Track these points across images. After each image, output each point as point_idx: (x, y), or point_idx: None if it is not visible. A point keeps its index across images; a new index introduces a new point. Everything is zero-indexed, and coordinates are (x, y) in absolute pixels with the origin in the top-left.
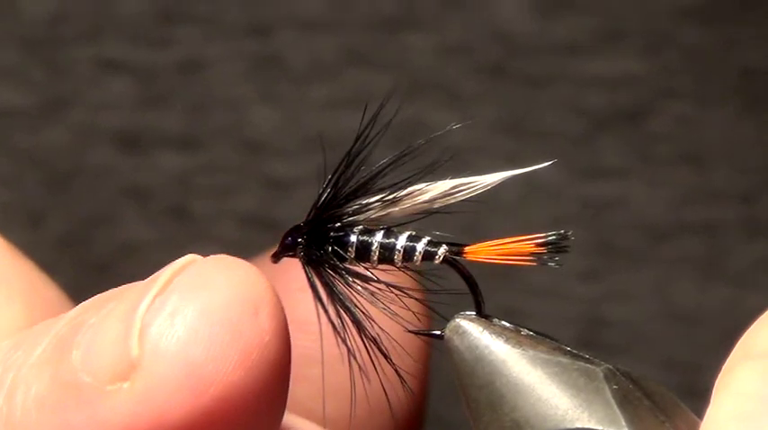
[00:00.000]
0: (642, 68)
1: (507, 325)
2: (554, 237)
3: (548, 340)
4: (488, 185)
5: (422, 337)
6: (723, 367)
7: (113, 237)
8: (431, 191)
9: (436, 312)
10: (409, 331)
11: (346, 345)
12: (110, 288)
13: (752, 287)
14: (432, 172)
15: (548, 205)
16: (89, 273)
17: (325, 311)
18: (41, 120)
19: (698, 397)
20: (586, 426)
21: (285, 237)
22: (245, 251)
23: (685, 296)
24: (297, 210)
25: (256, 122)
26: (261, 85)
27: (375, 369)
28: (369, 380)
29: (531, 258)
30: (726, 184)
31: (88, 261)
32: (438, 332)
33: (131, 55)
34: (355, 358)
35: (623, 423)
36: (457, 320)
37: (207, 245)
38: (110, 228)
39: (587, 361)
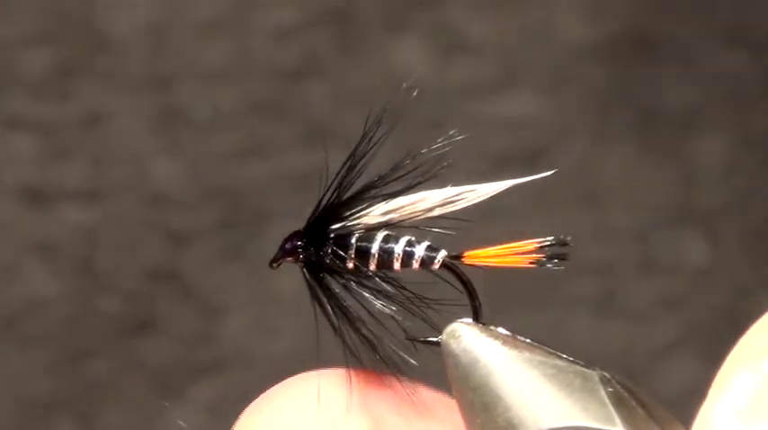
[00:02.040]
0: (541, 109)
1: (504, 331)
2: (553, 241)
3: (544, 347)
4: (489, 194)
5: (419, 344)
6: (722, 367)
7: (18, 292)
8: (431, 197)
9: (430, 324)
10: (406, 338)
11: (346, 348)
12: (11, 342)
13: (648, 324)
14: (427, 179)
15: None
16: None
17: (326, 315)
18: None
19: None
20: (581, 424)
21: (284, 242)
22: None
23: (582, 335)
24: (200, 262)
25: (159, 174)
26: (163, 137)
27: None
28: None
29: (530, 262)
30: (622, 223)
31: None
32: (435, 339)
33: (33, 110)
34: (356, 358)
35: (618, 421)
36: (454, 325)
37: (112, 296)
38: (14, 283)
39: (583, 365)
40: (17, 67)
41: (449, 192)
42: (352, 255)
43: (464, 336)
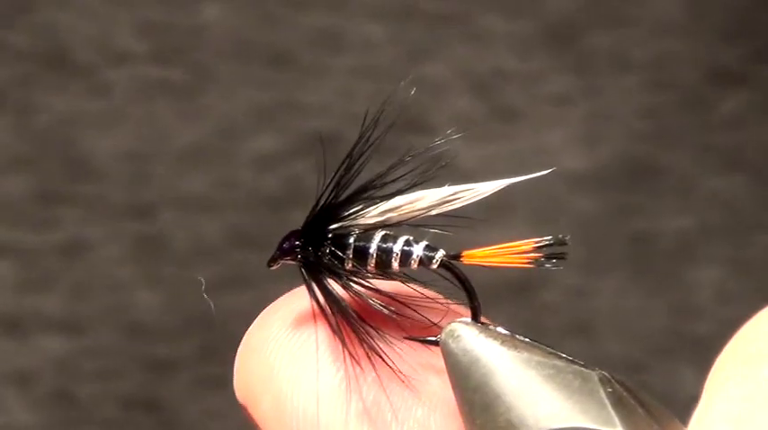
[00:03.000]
0: (532, 237)
1: (503, 331)
2: (551, 241)
3: (543, 346)
4: (487, 193)
5: (418, 344)
6: (712, 369)
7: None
8: (429, 196)
9: (429, 320)
10: (405, 338)
11: (345, 349)
12: None
13: None
14: (427, 180)
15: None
16: None
17: (324, 315)
18: None
19: None
20: (581, 426)
21: (282, 241)
22: None
23: None
24: (182, 391)
25: (139, 304)
26: (143, 267)
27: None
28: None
29: (528, 262)
30: (614, 353)
31: None
32: (433, 338)
33: (12, 237)
34: (355, 360)
35: (617, 422)
36: (452, 325)
37: (91, 427)
38: None
39: (582, 366)
40: None
41: (447, 191)
42: (351, 255)
43: (463, 336)
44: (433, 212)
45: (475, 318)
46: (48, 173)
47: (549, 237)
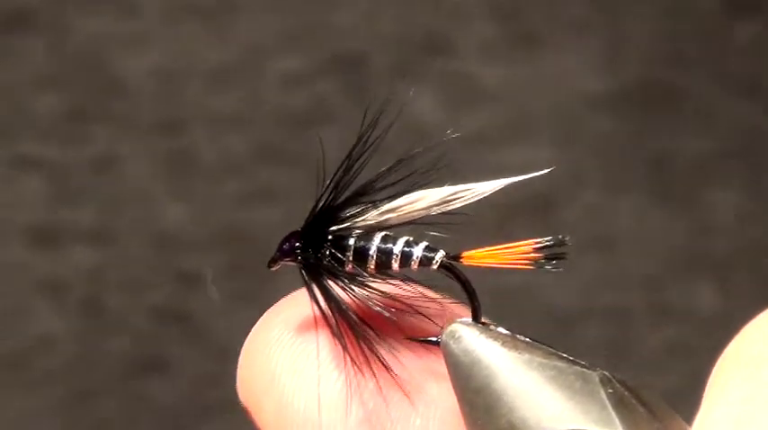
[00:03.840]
0: (552, 157)
1: (504, 331)
2: (551, 242)
3: (544, 346)
4: (486, 193)
5: (418, 344)
6: (714, 369)
7: (28, 330)
8: (428, 197)
9: (432, 320)
10: (406, 338)
11: (344, 350)
12: (20, 381)
13: (659, 370)
14: (427, 179)
15: (460, 292)
16: (3, 367)
17: (324, 316)
18: None
19: None
20: (582, 428)
21: (282, 242)
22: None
23: None
24: (210, 304)
25: (168, 217)
26: (172, 181)
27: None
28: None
29: (528, 264)
30: (634, 270)
31: (2, 354)
32: (434, 338)
33: (44, 152)
34: (354, 362)
35: (618, 423)
36: (453, 325)
37: (121, 336)
38: (24, 322)
39: (583, 366)
40: (30, 110)
41: (446, 191)
42: (351, 257)
43: (464, 337)
44: (434, 212)
45: (476, 318)
46: (80, 91)
47: (550, 238)
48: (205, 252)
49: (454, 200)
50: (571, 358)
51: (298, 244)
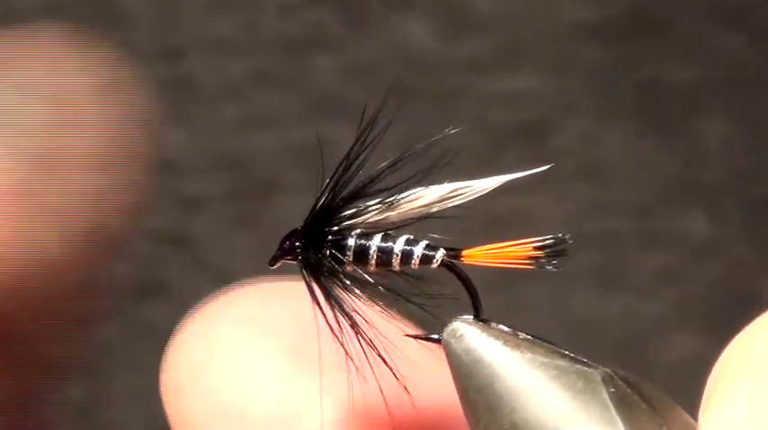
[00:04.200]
0: (543, 85)
1: (505, 328)
2: (552, 240)
3: (545, 344)
4: (485, 189)
5: (419, 341)
6: (715, 372)
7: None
8: (428, 195)
9: (434, 315)
10: (406, 335)
11: (344, 349)
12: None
13: (648, 296)
14: (428, 176)
15: (451, 219)
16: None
17: (324, 315)
18: None
19: None
20: (584, 429)
21: (283, 241)
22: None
23: (585, 306)
24: (211, 229)
25: (168, 142)
26: (172, 107)
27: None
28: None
29: (529, 262)
30: (624, 198)
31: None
32: (435, 336)
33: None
34: (353, 362)
35: (620, 424)
36: (454, 324)
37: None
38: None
39: (585, 364)
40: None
41: (445, 188)
42: (351, 255)
43: (465, 336)
44: (433, 210)
45: (476, 316)
46: (77, 18)
47: (550, 237)
48: (205, 177)
49: (453, 197)
50: (572, 355)
51: (298, 242)
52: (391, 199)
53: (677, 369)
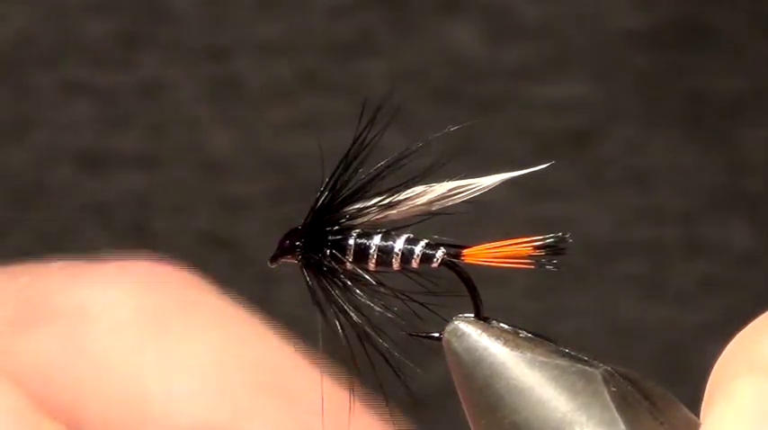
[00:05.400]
0: (590, 92)
1: (506, 327)
2: (552, 239)
3: (546, 342)
4: (486, 188)
5: (420, 339)
6: (718, 371)
7: (75, 252)
8: (428, 193)
9: (435, 313)
10: (407, 333)
11: (344, 349)
12: None
13: (692, 305)
14: (429, 175)
15: (496, 225)
16: None
17: (323, 315)
18: (4, 139)
19: None
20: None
21: (283, 239)
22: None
23: (628, 313)
24: (253, 229)
25: (214, 143)
26: (219, 107)
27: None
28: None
29: (528, 262)
30: (669, 205)
31: None
32: (436, 334)
33: (94, 77)
34: (354, 361)
35: (621, 425)
36: (455, 323)
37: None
38: (71, 244)
39: (585, 363)
40: (80, 34)
41: (447, 186)
42: (351, 254)
43: (466, 335)
44: (435, 208)
45: (477, 314)
46: (128, 16)
47: (550, 236)
48: (249, 178)
49: (455, 195)
50: (573, 354)
51: (298, 242)
52: (391, 197)
53: None
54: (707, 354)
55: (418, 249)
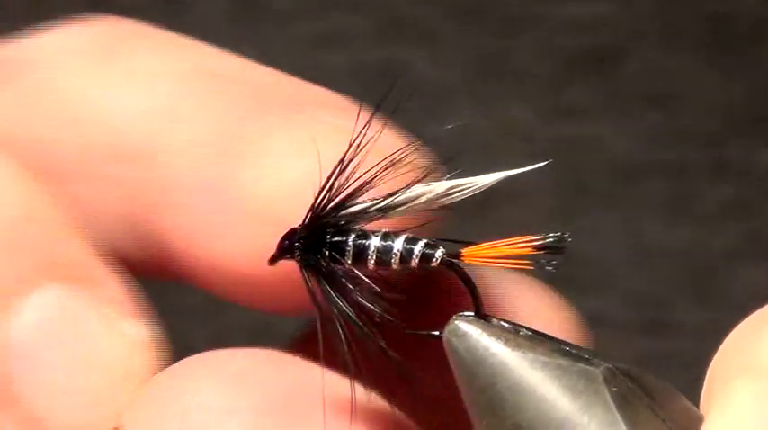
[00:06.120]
0: (613, 11)
1: (506, 325)
2: (551, 239)
3: (546, 340)
4: (484, 186)
5: (420, 337)
6: (717, 367)
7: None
8: (428, 192)
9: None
10: (406, 331)
11: (344, 349)
12: None
13: (717, 227)
14: (428, 174)
15: (520, 145)
16: None
17: (322, 314)
18: None
19: (661, 331)
20: None
21: (282, 240)
22: None
23: (652, 235)
24: None
25: None
26: (242, 25)
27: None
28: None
29: (528, 262)
30: (693, 127)
31: None
32: (436, 332)
33: None
34: (354, 363)
35: (623, 426)
36: (456, 322)
37: None
38: None
39: (586, 361)
40: None
41: (445, 185)
42: (351, 254)
43: (467, 335)
44: (434, 207)
45: (477, 312)
46: None
47: (550, 236)
48: None
49: (454, 194)
50: (574, 351)
51: (297, 242)
52: (391, 197)
53: (743, 300)
54: (731, 278)
55: (417, 249)
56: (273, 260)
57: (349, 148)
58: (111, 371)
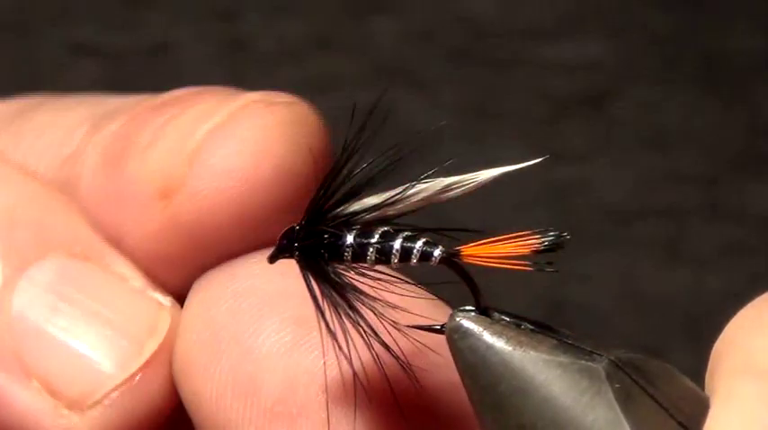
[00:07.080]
0: (605, 53)
1: (507, 320)
2: (551, 239)
3: (548, 335)
4: (482, 183)
5: (421, 332)
6: (717, 370)
7: None
8: (426, 190)
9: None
10: (408, 326)
11: (343, 348)
12: None
13: (712, 269)
14: (428, 173)
15: (512, 187)
16: None
17: (322, 313)
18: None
19: None
20: None
21: (281, 238)
22: None
23: (647, 278)
24: None
25: None
26: (228, 68)
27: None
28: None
29: (527, 263)
30: (688, 168)
31: None
32: (438, 326)
33: (101, 39)
34: (351, 362)
35: (626, 425)
36: (457, 319)
37: None
38: None
39: (589, 357)
40: None
41: (443, 182)
42: (350, 252)
43: (469, 333)
44: (433, 203)
45: (478, 307)
46: None
47: (550, 235)
48: None
49: (452, 191)
50: (576, 345)
51: (296, 241)
52: (389, 194)
53: None
54: (727, 322)
55: (417, 247)
56: (272, 258)
57: (346, 146)
58: (133, 328)
